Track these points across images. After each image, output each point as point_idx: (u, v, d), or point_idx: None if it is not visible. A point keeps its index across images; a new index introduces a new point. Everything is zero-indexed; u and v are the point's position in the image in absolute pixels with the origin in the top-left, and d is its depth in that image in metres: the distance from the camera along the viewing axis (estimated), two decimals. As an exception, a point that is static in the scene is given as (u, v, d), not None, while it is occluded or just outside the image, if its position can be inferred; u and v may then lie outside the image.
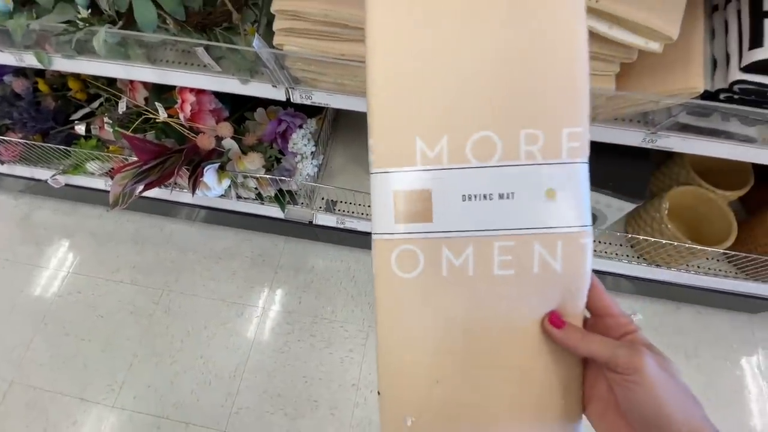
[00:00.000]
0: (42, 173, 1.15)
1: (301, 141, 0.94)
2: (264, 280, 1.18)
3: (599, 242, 1.05)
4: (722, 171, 0.95)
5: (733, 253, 0.92)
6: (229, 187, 0.95)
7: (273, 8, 0.55)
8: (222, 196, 1.00)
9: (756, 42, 0.53)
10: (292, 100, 0.76)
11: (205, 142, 0.89)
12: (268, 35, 0.64)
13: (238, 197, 1.08)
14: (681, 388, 0.27)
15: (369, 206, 1.11)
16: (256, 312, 1.14)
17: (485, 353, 0.31)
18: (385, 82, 0.30)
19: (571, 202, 0.29)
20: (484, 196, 0.29)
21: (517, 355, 0.31)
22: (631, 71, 0.60)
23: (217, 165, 0.89)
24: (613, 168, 0.71)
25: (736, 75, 0.55)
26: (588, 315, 0.32)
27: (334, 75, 0.66)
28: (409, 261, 0.30)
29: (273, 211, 1.10)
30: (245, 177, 0.97)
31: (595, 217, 0.80)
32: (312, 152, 0.96)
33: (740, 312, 1.12)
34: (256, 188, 1.04)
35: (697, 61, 0.56)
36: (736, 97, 0.58)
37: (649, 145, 0.72)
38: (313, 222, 1.10)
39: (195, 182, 0.86)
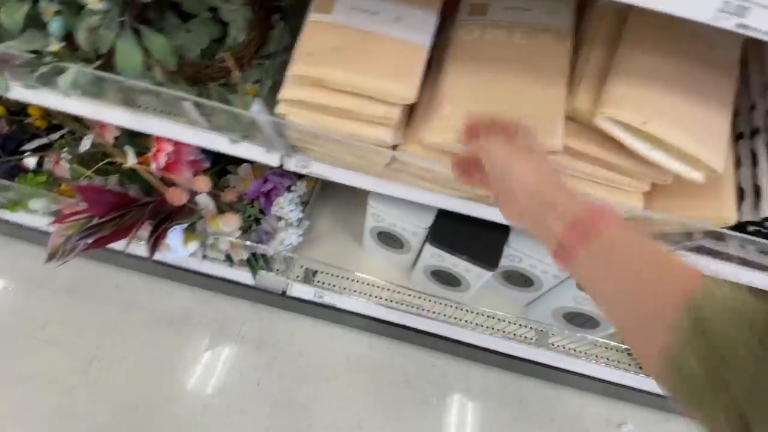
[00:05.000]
0: (-27, 203, 0.99)
1: (288, 206, 0.85)
2: (219, 356, 1.02)
3: (595, 346, 0.98)
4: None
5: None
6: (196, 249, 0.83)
7: (293, 72, 0.48)
8: (186, 255, 0.87)
9: (791, 179, 0.51)
10: (285, 168, 0.68)
11: (176, 197, 0.78)
12: (271, 99, 0.57)
13: (204, 257, 0.95)
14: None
15: (352, 280, 1.01)
16: (196, 402, 0.96)
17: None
18: None
19: None
20: None
21: None
22: (659, 190, 0.56)
23: (185, 225, 0.77)
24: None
25: (770, 211, 0.52)
26: None
27: (339, 152, 0.58)
28: None
29: (242, 275, 0.97)
30: (216, 238, 0.86)
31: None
32: (298, 219, 0.86)
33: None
34: (226, 250, 0.92)
35: (729, 191, 0.53)
36: (765, 231, 0.54)
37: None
38: (287, 293, 0.97)
39: (155, 244, 0.74)
